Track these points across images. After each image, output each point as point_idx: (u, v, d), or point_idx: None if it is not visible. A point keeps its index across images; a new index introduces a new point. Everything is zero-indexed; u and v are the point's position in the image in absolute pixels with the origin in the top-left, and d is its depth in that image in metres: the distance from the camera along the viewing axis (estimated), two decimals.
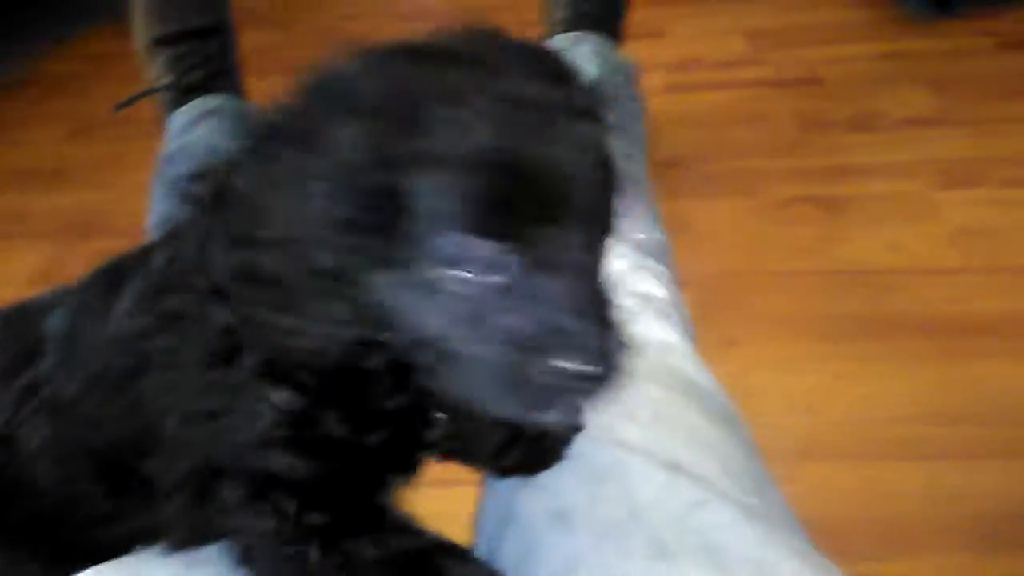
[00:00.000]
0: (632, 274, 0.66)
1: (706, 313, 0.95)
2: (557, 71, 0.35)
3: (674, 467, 0.45)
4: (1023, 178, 1.10)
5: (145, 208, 0.98)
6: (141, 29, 1.02)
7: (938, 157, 1.16)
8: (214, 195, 0.36)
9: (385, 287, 0.32)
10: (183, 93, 1.00)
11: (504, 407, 0.33)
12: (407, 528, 0.39)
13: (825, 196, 1.14)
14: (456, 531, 0.42)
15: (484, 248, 0.31)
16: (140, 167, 1.06)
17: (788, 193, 1.16)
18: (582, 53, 1.02)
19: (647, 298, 0.63)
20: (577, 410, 0.39)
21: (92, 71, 1.71)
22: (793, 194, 1.16)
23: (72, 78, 1.71)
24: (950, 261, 1.00)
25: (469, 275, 0.31)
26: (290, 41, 1.67)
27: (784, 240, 1.08)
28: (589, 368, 0.31)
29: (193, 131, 0.96)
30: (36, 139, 1.54)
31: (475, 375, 0.32)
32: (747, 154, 1.24)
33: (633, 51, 1.39)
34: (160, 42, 1.00)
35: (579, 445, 0.46)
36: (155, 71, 1.02)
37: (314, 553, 0.37)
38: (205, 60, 1.00)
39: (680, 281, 0.73)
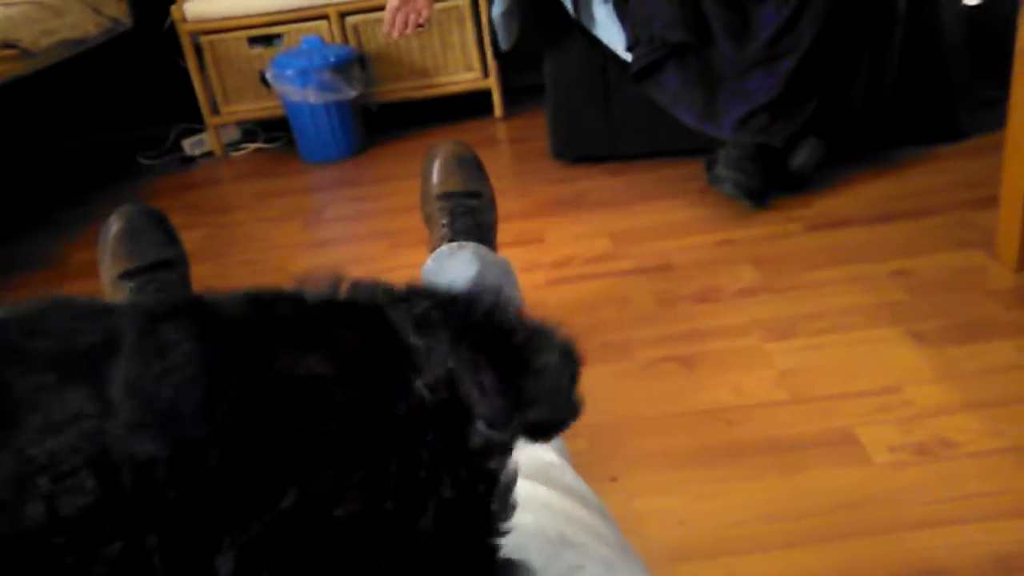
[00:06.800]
0: None
1: (591, 458, 1.17)
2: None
3: (559, 540, 0.64)
4: (826, 328, 1.39)
5: None
6: (108, 266, 1.23)
7: (763, 318, 1.45)
8: None
9: None
10: None
11: None
12: None
13: (682, 355, 1.40)
14: None
15: None
16: None
17: (653, 355, 1.41)
18: (463, 257, 1.27)
19: None
20: None
21: None
22: (657, 355, 1.41)
23: None
24: (779, 396, 1.25)
25: None
26: (221, 272, 1.91)
27: (652, 392, 1.32)
28: None
29: None
30: None
31: None
32: (618, 328, 1.51)
33: (519, 255, 1.69)
34: (125, 276, 1.21)
35: None
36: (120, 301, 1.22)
37: None
38: (165, 287, 1.21)
39: (568, 433, 0.94)
